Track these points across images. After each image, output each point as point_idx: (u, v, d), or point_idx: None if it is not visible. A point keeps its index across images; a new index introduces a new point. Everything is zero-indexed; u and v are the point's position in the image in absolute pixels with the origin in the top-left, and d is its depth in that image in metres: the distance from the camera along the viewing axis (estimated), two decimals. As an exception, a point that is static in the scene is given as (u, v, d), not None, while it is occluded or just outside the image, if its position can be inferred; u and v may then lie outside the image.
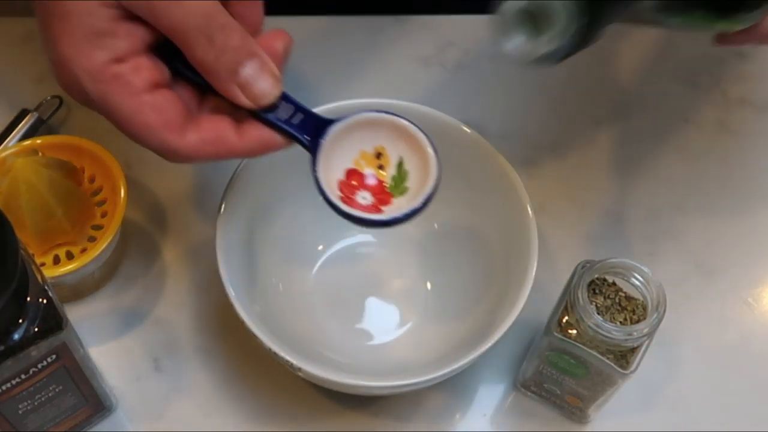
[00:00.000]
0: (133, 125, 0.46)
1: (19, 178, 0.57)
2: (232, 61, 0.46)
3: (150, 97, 0.46)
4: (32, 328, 0.47)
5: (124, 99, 0.45)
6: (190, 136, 0.46)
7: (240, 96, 0.46)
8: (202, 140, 0.47)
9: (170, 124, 0.46)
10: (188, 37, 0.45)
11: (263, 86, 0.47)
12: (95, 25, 0.44)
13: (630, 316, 0.55)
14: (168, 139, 0.46)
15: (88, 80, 0.45)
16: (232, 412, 0.61)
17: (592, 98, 0.73)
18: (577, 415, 0.61)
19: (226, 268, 0.55)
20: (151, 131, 0.46)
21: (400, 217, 0.49)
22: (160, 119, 0.46)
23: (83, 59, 0.45)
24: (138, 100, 0.45)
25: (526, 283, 0.55)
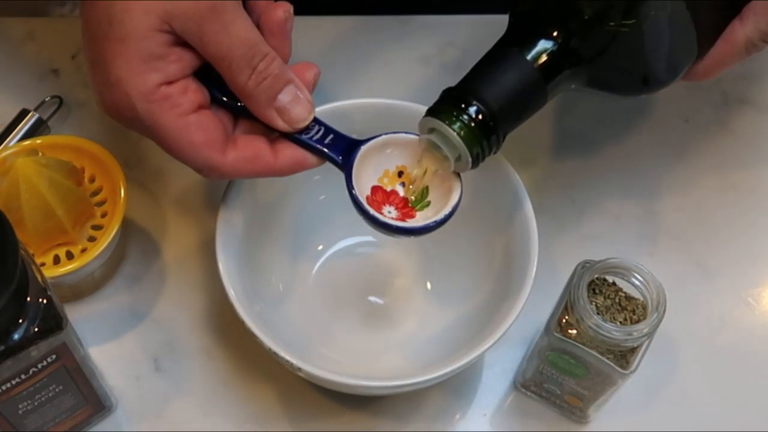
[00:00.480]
0: (179, 143, 0.49)
1: (19, 178, 0.57)
2: (272, 88, 0.50)
3: (195, 117, 0.49)
4: (32, 328, 0.47)
5: (172, 118, 0.48)
6: (230, 154, 0.50)
7: (278, 120, 0.51)
8: (242, 158, 0.50)
9: (213, 142, 0.49)
10: (232, 64, 0.49)
11: (299, 111, 0.51)
12: (150, 48, 0.48)
13: (630, 316, 0.55)
14: (211, 157, 0.49)
15: (141, 100, 0.48)
16: (232, 412, 0.61)
17: (593, 98, 0.73)
18: (577, 415, 0.61)
19: (226, 268, 0.55)
20: (196, 148, 0.49)
21: (431, 225, 0.52)
22: (205, 137, 0.49)
23: (138, 80, 0.48)
24: (185, 120, 0.49)
25: (526, 283, 0.55)
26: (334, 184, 0.64)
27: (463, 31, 0.75)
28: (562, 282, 0.57)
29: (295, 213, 0.64)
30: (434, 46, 0.75)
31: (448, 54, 0.74)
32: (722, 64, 0.56)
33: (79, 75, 0.71)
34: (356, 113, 0.61)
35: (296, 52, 0.74)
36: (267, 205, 0.62)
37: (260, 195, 0.60)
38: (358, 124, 0.62)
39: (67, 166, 0.60)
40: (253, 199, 0.60)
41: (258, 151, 0.51)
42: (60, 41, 0.72)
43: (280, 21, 0.52)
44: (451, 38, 0.75)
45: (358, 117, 0.62)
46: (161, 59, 0.48)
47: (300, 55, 0.73)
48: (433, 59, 0.74)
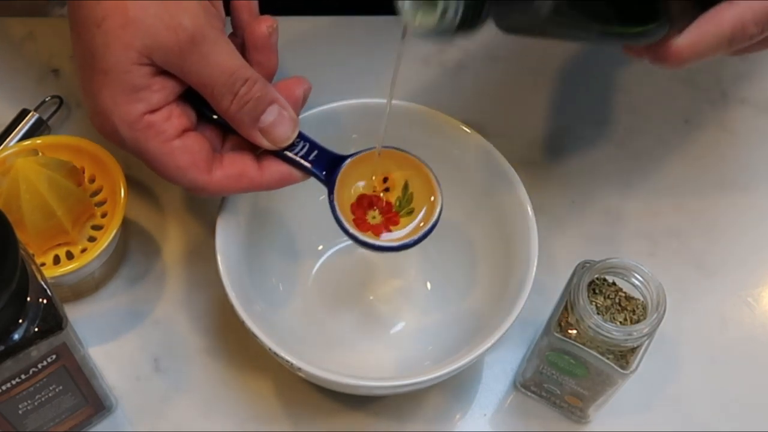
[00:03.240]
0: (165, 167, 0.51)
1: (19, 178, 0.57)
2: (254, 110, 0.51)
3: (180, 142, 0.51)
4: (32, 328, 0.47)
5: (157, 145, 0.50)
6: (216, 173, 0.52)
7: (262, 140, 0.52)
8: (227, 176, 0.52)
9: (198, 164, 0.51)
10: (215, 91, 0.50)
11: (282, 131, 0.53)
12: (132, 81, 0.49)
13: (630, 316, 0.55)
14: (197, 178, 0.51)
15: (125, 129, 0.50)
16: (232, 412, 0.61)
17: (593, 98, 0.73)
18: (577, 415, 0.61)
19: (226, 268, 0.55)
20: (182, 171, 0.51)
21: (409, 243, 0.54)
22: (190, 160, 0.51)
23: (122, 111, 0.50)
24: (169, 145, 0.50)
25: (526, 283, 0.55)
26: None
27: (463, 31, 0.75)
28: (562, 282, 0.57)
29: (295, 213, 0.64)
30: (434, 46, 0.74)
31: (448, 54, 0.74)
32: (700, 46, 0.49)
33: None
34: (356, 113, 0.62)
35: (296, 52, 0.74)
36: (267, 206, 0.62)
37: (260, 195, 0.60)
38: (357, 124, 0.62)
39: (67, 166, 0.60)
40: (253, 199, 0.60)
41: (244, 169, 0.53)
42: (60, 41, 0.72)
43: (264, 36, 0.54)
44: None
45: (358, 117, 0.62)
46: (144, 90, 0.50)
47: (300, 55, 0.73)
48: (433, 59, 0.74)
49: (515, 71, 0.74)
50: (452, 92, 0.73)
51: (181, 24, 0.49)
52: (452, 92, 0.73)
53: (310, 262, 0.64)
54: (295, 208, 0.63)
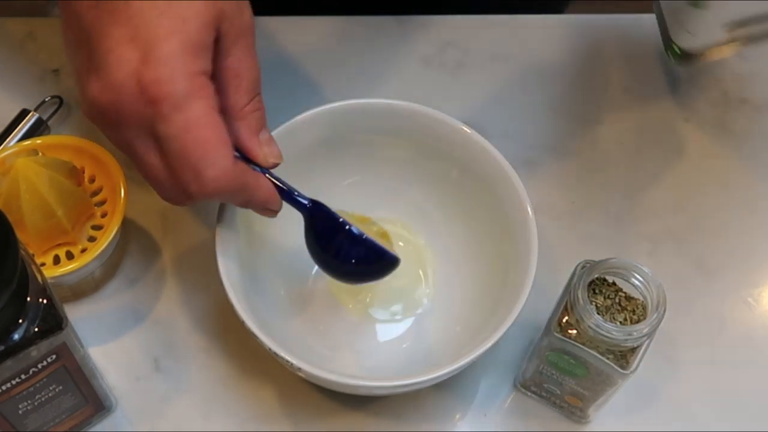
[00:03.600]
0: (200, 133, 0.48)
1: (19, 178, 0.57)
2: (262, 119, 0.53)
3: (221, 117, 0.49)
4: (32, 328, 0.47)
5: (205, 106, 0.48)
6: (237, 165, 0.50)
7: (258, 149, 0.53)
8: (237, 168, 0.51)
9: (226, 144, 0.49)
10: (243, 83, 0.51)
11: (276, 149, 0.54)
12: (204, 38, 0.48)
13: (630, 316, 0.55)
14: (229, 155, 0.49)
15: (182, 79, 0.48)
16: (232, 412, 0.61)
17: (592, 98, 0.73)
18: (577, 415, 0.61)
19: (226, 268, 0.55)
20: (214, 145, 0.49)
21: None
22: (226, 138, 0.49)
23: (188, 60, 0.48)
24: (214, 114, 0.49)
25: (526, 283, 0.55)
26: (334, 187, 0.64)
27: (463, 31, 0.75)
28: (562, 282, 0.57)
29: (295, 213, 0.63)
30: (434, 46, 0.75)
31: (448, 54, 0.74)
32: None
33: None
34: (356, 113, 0.62)
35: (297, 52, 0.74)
36: (267, 205, 0.62)
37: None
38: (358, 124, 0.62)
39: (67, 166, 0.60)
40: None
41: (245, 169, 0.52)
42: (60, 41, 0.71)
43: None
44: (451, 38, 0.75)
45: (358, 117, 0.62)
46: (207, 50, 0.49)
47: (300, 55, 0.73)
48: (433, 59, 0.74)
49: (515, 71, 0.74)
50: (452, 92, 0.73)
51: (248, 8, 0.50)
52: (452, 92, 0.73)
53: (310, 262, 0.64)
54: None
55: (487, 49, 0.75)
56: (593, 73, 0.74)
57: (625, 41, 0.76)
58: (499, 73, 0.74)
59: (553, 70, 0.75)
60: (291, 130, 0.60)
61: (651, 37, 0.76)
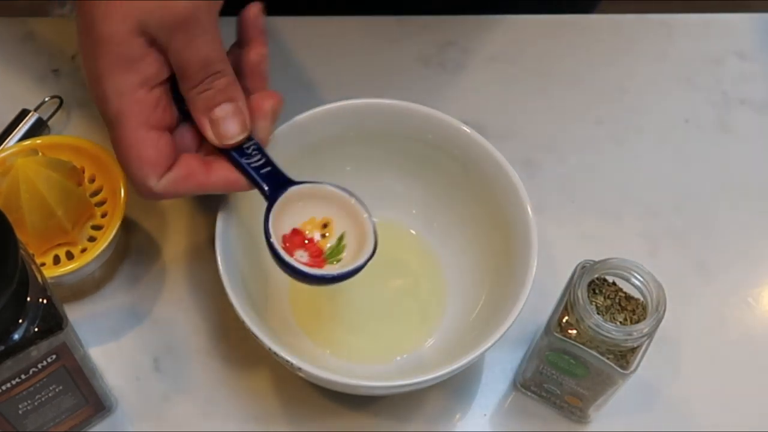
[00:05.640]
0: (128, 151, 0.51)
1: (19, 178, 0.57)
2: (210, 100, 0.52)
3: (155, 135, 0.51)
4: (32, 328, 0.47)
5: (134, 126, 0.51)
6: (168, 175, 0.52)
7: (208, 130, 0.53)
8: (175, 179, 0.53)
9: (157, 166, 0.52)
10: (186, 73, 0.52)
11: (230, 128, 0.53)
12: (128, 52, 0.50)
13: (630, 316, 0.55)
14: (149, 177, 0.52)
15: (114, 97, 0.50)
16: (232, 412, 0.61)
17: (592, 98, 0.73)
18: (577, 415, 0.61)
19: (226, 268, 0.55)
20: (139, 163, 0.51)
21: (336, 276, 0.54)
22: (153, 157, 0.51)
23: (115, 79, 0.50)
24: (144, 133, 0.51)
25: (526, 283, 0.55)
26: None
27: (463, 31, 0.75)
28: (562, 282, 0.57)
29: (295, 213, 0.64)
30: (434, 46, 0.75)
31: (448, 54, 0.74)
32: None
33: (79, 75, 0.71)
34: (356, 113, 0.62)
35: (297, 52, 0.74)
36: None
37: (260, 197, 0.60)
38: (358, 124, 0.62)
39: (67, 166, 0.60)
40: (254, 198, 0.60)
41: (191, 170, 0.53)
42: (60, 41, 0.72)
43: (253, 64, 0.55)
44: (451, 38, 0.75)
45: (358, 117, 0.62)
46: (139, 61, 0.51)
47: (300, 55, 0.73)
48: (433, 59, 0.74)
49: (515, 71, 0.74)
50: (452, 92, 0.73)
51: (178, 4, 0.50)
52: (452, 92, 0.73)
53: (310, 262, 0.64)
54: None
55: (487, 49, 0.75)
56: (593, 73, 0.75)
57: (625, 41, 0.76)
58: (499, 73, 0.74)
59: (553, 70, 0.75)
60: (291, 130, 0.60)
61: (652, 37, 0.76)
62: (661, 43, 0.76)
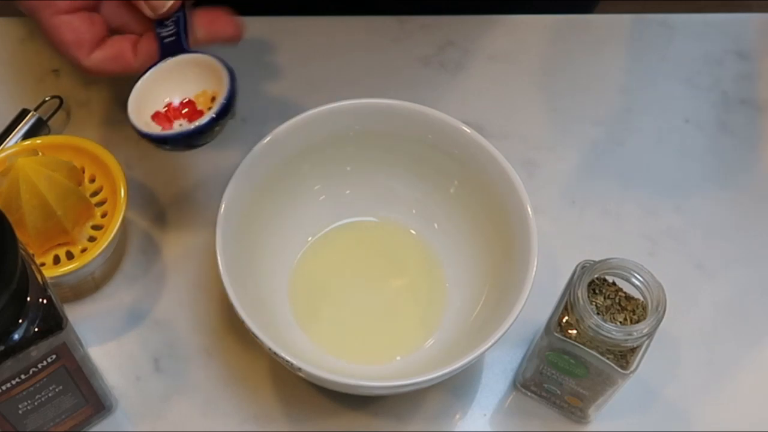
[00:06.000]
0: (52, 39, 0.56)
1: (20, 178, 0.57)
2: None
3: (68, 18, 0.55)
4: (32, 328, 0.47)
5: (47, 17, 0.55)
6: (95, 54, 0.56)
7: (143, 6, 0.56)
8: (105, 58, 0.56)
9: (81, 43, 0.56)
10: None
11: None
12: None
13: (630, 316, 0.55)
14: (76, 56, 0.56)
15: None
16: (232, 412, 0.61)
17: (592, 98, 0.73)
18: (577, 415, 0.61)
19: (226, 268, 0.55)
20: (64, 47, 0.56)
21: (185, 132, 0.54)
22: (73, 38, 0.55)
23: None
24: (57, 19, 0.55)
25: (526, 283, 0.55)
26: (335, 186, 0.65)
27: (463, 31, 0.75)
28: (562, 282, 0.57)
29: (296, 213, 0.64)
30: (434, 46, 0.75)
31: (448, 54, 0.74)
32: None
33: (79, 75, 0.70)
34: (356, 113, 0.62)
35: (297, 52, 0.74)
36: (267, 207, 0.62)
37: (261, 195, 0.61)
38: (358, 124, 0.62)
39: (67, 166, 0.60)
40: (254, 199, 0.60)
41: (120, 52, 0.57)
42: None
43: None
44: (451, 38, 0.75)
45: (359, 117, 0.62)
46: None
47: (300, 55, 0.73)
48: (433, 59, 0.74)
49: (515, 71, 0.74)
50: (452, 92, 0.73)
51: None
52: (452, 92, 0.73)
53: (310, 263, 0.64)
54: (296, 208, 0.63)
55: (487, 49, 0.75)
56: (593, 73, 0.74)
57: (625, 41, 0.76)
58: (499, 73, 0.74)
59: (553, 70, 0.75)
60: (291, 130, 0.60)
61: (652, 37, 0.76)
62: (661, 43, 0.76)
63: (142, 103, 0.55)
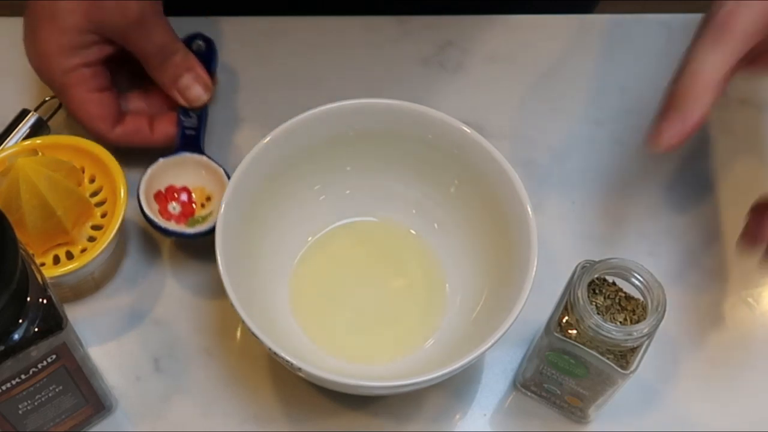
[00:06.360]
0: (80, 112, 0.62)
1: (19, 178, 0.57)
2: (174, 74, 0.64)
3: (97, 96, 0.62)
4: (32, 328, 0.47)
5: (80, 93, 0.62)
6: (117, 129, 0.63)
7: (179, 98, 0.65)
8: (126, 132, 0.64)
9: (106, 117, 0.63)
10: (148, 60, 0.63)
11: (196, 92, 0.65)
12: (78, 40, 0.61)
13: (630, 316, 0.55)
14: (101, 128, 0.63)
15: (60, 75, 0.62)
16: (232, 412, 0.61)
17: (592, 98, 0.73)
18: (577, 415, 0.61)
19: (226, 268, 0.55)
20: (92, 120, 0.62)
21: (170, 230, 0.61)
22: (100, 113, 0.62)
23: (62, 60, 0.61)
24: (89, 95, 0.62)
25: (526, 283, 0.55)
26: (335, 186, 0.65)
27: (463, 31, 0.75)
28: (562, 282, 0.57)
29: (296, 213, 0.64)
30: (434, 46, 0.75)
31: (448, 54, 0.74)
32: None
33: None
34: (356, 113, 0.62)
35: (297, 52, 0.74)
36: (267, 207, 0.62)
37: (260, 195, 0.61)
38: (358, 124, 0.62)
39: (67, 166, 0.60)
40: (253, 201, 0.60)
41: (139, 127, 0.64)
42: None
43: None
44: (451, 38, 0.75)
45: (359, 117, 0.62)
46: (85, 49, 0.61)
47: (300, 55, 0.73)
48: (433, 59, 0.74)
49: (515, 71, 0.74)
50: (452, 92, 0.73)
51: (130, 8, 0.60)
52: (452, 92, 0.73)
53: (310, 263, 0.64)
54: (296, 209, 0.63)
55: (487, 49, 0.75)
56: (593, 73, 0.74)
57: (625, 41, 0.76)
58: (499, 73, 0.74)
59: (553, 70, 0.75)
60: (291, 130, 0.60)
61: (652, 37, 0.76)
62: (661, 43, 0.76)
63: (150, 182, 0.62)
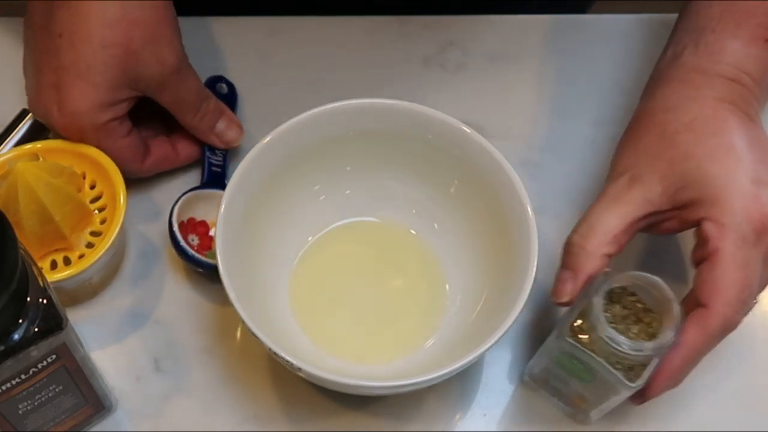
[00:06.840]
0: (114, 158, 0.63)
1: (18, 183, 0.57)
2: (210, 121, 0.66)
3: (126, 141, 0.63)
4: (32, 328, 0.47)
5: (112, 142, 0.63)
6: (147, 161, 0.66)
7: (217, 142, 0.67)
8: (155, 161, 0.66)
9: (136, 157, 0.65)
10: (183, 109, 0.65)
11: (232, 135, 0.68)
12: (113, 97, 0.61)
13: (645, 329, 0.54)
14: (134, 167, 0.65)
15: (92, 131, 0.61)
16: (232, 412, 0.61)
17: (592, 98, 0.73)
18: (580, 416, 0.61)
19: (226, 268, 0.55)
20: (126, 162, 0.64)
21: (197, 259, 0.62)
22: (131, 155, 0.64)
23: (94, 117, 0.61)
24: (120, 143, 0.63)
25: (526, 283, 0.55)
26: (335, 187, 0.65)
27: (463, 31, 0.75)
28: (562, 282, 0.57)
29: (295, 214, 0.64)
30: (434, 46, 0.75)
31: (448, 54, 0.74)
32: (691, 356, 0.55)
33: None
34: (356, 113, 0.62)
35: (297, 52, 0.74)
36: (267, 207, 0.62)
37: (260, 196, 0.61)
38: (358, 124, 0.62)
39: (67, 171, 0.60)
40: (253, 201, 0.60)
41: (166, 153, 0.67)
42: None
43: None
44: (451, 38, 0.75)
45: (359, 117, 0.62)
46: (117, 104, 0.61)
47: (300, 55, 0.73)
48: (433, 59, 0.74)
49: (515, 71, 0.74)
50: (452, 92, 0.73)
51: (167, 56, 0.61)
52: (452, 92, 0.73)
53: (310, 263, 0.64)
54: (295, 209, 0.63)
55: (487, 49, 0.75)
56: (593, 73, 0.74)
57: (624, 41, 0.76)
58: (499, 73, 0.74)
59: (553, 70, 0.75)
60: (291, 130, 0.60)
61: (652, 37, 0.76)
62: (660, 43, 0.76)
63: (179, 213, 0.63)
